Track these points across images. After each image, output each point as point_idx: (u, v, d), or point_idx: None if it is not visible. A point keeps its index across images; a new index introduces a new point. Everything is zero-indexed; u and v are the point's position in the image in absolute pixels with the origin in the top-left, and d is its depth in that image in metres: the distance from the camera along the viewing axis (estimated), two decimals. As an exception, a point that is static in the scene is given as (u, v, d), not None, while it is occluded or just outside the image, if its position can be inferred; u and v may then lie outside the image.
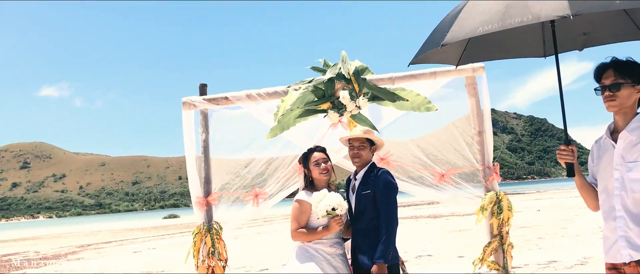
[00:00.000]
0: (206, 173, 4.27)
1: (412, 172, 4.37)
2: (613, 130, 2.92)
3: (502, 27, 2.86)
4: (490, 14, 3.00)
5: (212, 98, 4.27)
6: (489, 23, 2.94)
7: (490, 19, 2.96)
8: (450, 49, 3.84)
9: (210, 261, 4.07)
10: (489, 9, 3.04)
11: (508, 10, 2.89)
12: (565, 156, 2.90)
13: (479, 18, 3.04)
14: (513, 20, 2.83)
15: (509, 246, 4.13)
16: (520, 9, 2.84)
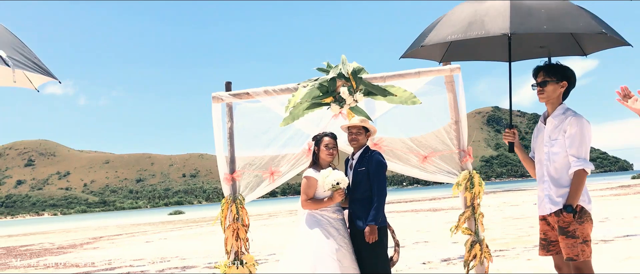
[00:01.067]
0: (231, 154, 5.20)
1: (400, 155, 5.27)
2: (546, 116, 3.87)
3: (464, 37, 3.82)
4: (457, 26, 3.96)
5: (236, 93, 5.19)
6: (456, 33, 3.90)
7: (457, 30, 3.93)
8: (435, 49, 4.83)
9: (235, 226, 5.00)
10: (459, 22, 4.00)
11: (470, 25, 3.85)
12: (508, 137, 3.92)
13: (450, 29, 4.01)
14: (472, 32, 3.78)
15: (480, 215, 5.01)
16: (478, 25, 3.79)
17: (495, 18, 3.62)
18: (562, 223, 3.62)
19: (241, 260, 5.02)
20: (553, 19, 3.55)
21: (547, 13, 3.57)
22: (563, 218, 3.59)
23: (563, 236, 3.63)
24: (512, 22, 3.52)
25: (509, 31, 3.47)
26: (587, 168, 3.54)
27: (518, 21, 3.55)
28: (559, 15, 3.60)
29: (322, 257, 4.44)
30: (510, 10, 3.58)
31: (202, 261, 12.49)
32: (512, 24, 3.52)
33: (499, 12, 3.63)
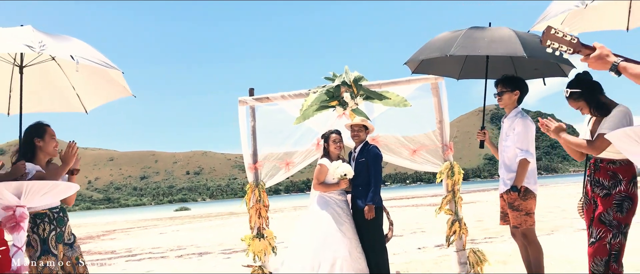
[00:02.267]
0: (254, 147, 6.29)
1: (393, 148, 6.35)
2: (505, 117, 4.97)
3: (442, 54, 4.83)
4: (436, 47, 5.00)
5: (258, 98, 6.29)
6: (435, 52, 4.93)
7: (441, 48, 4.89)
8: (447, 64, 5.74)
9: (257, 206, 6.10)
10: (443, 42, 5.00)
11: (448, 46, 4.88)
12: (480, 136, 5.04)
13: (437, 45, 5.01)
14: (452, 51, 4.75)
15: (459, 198, 6.08)
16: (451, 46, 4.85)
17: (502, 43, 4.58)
18: (509, 200, 4.70)
19: (262, 234, 6.12)
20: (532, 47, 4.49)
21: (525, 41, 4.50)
22: (510, 195, 4.67)
23: (510, 210, 4.72)
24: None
25: (450, 52, 4.52)
26: (528, 158, 4.60)
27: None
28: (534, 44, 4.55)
29: (330, 231, 5.51)
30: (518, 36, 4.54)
31: (217, 249, 13.58)
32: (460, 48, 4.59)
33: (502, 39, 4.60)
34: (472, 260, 5.91)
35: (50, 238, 3.75)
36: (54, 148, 4.08)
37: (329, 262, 5.35)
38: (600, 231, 3.65)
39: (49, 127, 4.11)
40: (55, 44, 3.56)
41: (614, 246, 3.56)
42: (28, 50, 3.32)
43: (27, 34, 3.51)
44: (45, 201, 3.71)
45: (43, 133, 4.04)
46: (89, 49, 3.89)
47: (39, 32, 3.65)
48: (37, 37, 3.48)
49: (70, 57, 3.44)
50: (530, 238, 4.70)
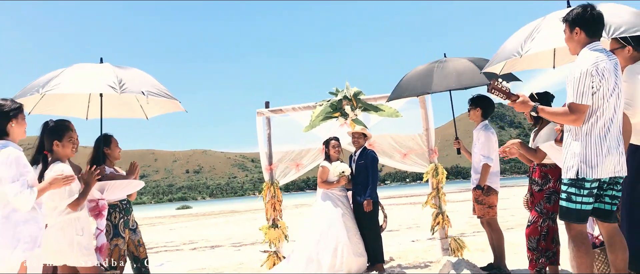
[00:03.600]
0: (269, 151, 7.45)
1: (387, 152, 7.48)
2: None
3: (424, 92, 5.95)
4: (415, 87, 6.12)
5: (273, 109, 7.44)
6: (416, 90, 6.04)
7: (422, 87, 6.02)
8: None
9: (273, 200, 7.24)
10: (420, 81, 6.12)
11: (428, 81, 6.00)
12: (455, 145, 6.14)
13: (415, 85, 6.15)
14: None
15: (442, 194, 7.20)
16: (430, 84, 5.96)
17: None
18: (475, 195, 5.85)
19: (277, 224, 7.27)
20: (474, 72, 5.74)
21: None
22: (476, 192, 5.82)
23: (476, 203, 5.87)
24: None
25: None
26: (489, 163, 5.73)
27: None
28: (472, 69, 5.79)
29: (333, 221, 6.64)
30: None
31: (227, 242, 14.71)
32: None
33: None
34: (454, 247, 7.03)
35: (119, 223, 4.87)
36: (119, 154, 5.20)
37: (331, 246, 6.48)
38: (534, 217, 4.83)
39: (113, 137, 5.21)
40: (130, 80, 4.68)
41: (544, 229, 4.74)
42: (112, 91, 4.46)
43: (108, 74, 4.64)
44: (118, 196, 4.83)
45: (109, 143, 5.16)
46: (152, 80, 5.03)
47: (116, 69, 4.79)
48: (116, 76, 4.62)
49: (142, 93, 4.57)
50: (493, 226, 5.86)
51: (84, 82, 4.65)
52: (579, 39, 3.62)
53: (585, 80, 3.43)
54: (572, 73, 3.51)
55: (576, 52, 3.64)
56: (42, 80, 4.70)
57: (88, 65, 4.96)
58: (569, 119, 3.51)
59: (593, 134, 3.47)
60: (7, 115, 3.56)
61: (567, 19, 3.64)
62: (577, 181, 3.50)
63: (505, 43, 4.74)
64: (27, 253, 3.38)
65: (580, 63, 3.50)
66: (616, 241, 3.58)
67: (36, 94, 4.55)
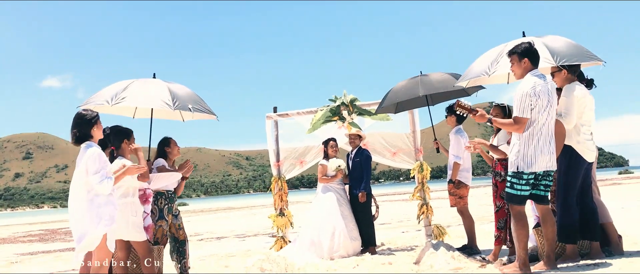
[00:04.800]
0: (277, 150, 8.59)
1: (379, 151, 8.62)
2: None
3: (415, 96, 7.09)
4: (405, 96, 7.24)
5: (279, 114, 8.58)
6: (400, 98, 7.17)
7: (410, 93, 7.16)
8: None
9: (280, 192, 8.39)
10: (409, 91, 7.26)
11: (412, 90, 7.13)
12: (434, 144, 7.27)
13: (402, 93, 7.28)
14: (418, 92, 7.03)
15: (427, 188, 8.35)
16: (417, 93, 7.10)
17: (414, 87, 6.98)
18: (448, 188, 7.01)
19: (283, 213, 8.41)
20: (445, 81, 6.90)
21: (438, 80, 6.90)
22: (449, 186, 6.98)
23: (449, 195, 7.03)
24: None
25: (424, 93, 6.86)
26: (458, 161, 6.88)
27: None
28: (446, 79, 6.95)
29: (331, 209, 7.76)
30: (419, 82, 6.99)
31: (231, 234, 15.82)
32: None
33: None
34: (436, 233, 8.17)
35: (164, 208, 5.98)
36: (178, 152, 6.29)
37: (330, 232, 7.61)
38: (500, 203, 5.98)
39: (172, 138, 6.30)
40: (180, 97, 5.83)
41: (509, 211, 5.89)
42: (167, 107, 5.61)
43: (164, 91, 5.78)
44: (161, 185, 5.94)
45: (169, 143, 6.26)
46: (194, 96, 6.19)
47: (168, 85, 5.95)
48: (170, 92, 5.77)
49: (189, 109, 5.72)
50: (464, 214, 7.02)
51: (145, 98, 5.82)
52: (525, 67, 4.79)
53: (526, 99, 4.62)
54: (517, 93, 4.70)
55: (522, 76, 4.82)
56: (109, 92, 5.82)
57: (146, 82, 6.10)
58: (513, 128, 4.70)
59: (530, 139, 4.65)
60: (90, 122, 4.64)
61: (517, 52, 4.82)
62: (517, 173, 4.69)
63: (474, 64, 5.91)
64: (107, 228, 4.48)
65: (523, 86, 4.69)
66: (548, 218, 4.77)
67: (105, 104, 5.67)
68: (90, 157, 4.46)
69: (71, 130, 4.62)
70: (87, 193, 4.48)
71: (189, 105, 5.83)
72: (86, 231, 4.42)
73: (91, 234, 4.40)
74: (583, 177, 5.16)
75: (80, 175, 4.47)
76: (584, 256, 5.23)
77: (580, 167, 5.10)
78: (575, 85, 5.19)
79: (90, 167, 4.43)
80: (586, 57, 5.13)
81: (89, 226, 4.42)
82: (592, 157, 5.18)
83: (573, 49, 5.22)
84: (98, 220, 4.44)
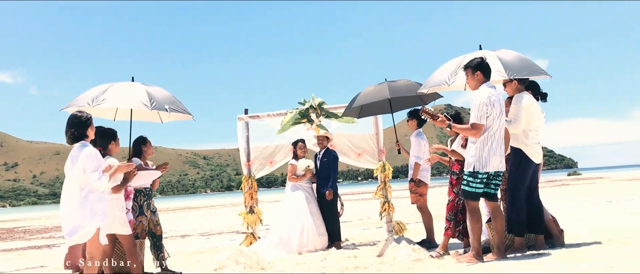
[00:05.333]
0: (247, 150, 8.97)
1: (345, 152, 9.12)
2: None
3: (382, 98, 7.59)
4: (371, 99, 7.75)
5: (250, 115, 8.97)
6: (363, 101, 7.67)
7: (376, 95, 7.66)
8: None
9: (250, 191, 8.78)
10: (377, 95, 7.75)
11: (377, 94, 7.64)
12: (396, 146, 7.79)
13: (371, 96, 7.77)
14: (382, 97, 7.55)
15: (389, 187, 8.88)
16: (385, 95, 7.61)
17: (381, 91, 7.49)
18: (410, 187, 7.55)
19: (253, 210, 8.81)
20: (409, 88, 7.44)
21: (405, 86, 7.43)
22: (410, 184, 7.52)
23: (410, 193, 7.58)
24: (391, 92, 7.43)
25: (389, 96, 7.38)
26: (419, 161, 7.44)
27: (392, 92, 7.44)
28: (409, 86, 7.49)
29: (300, 208, 8.20)
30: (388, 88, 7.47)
31: (194, 232, 16.04)
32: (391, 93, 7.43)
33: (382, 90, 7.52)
34: (397, 229, 8.72)
35: (143, 205, 6.31)
36: (152, 151, 6.62)
37: (299, 229, 8.05)
38: (452, 197, 6.58)
39: (148, 138, 6.61)
40: (157, 98, 6.16)
41: (459, 205, 6.47)
42: (144, 107, 5.93)
43: (142, 93, 6.10)
44: (142, 183, 6.26)
45: (145, 142, 6.57)
46: (171, 97, 6.52)
47: (146, 87, 6.26)
48: (148, 94, 6.09)
49: (165, 109, 6.06)
50: (423, 210, 7.59)
51: (125, 99, 6.11)
52: (479, 79, 5.36)
53: (482, 108, 5.18)
54: (474, 102, 5.26)
55: (476, 87, 5.39)
56: (89, 95, 6.12)
57: (125, 84, 6.41)
58: (471, 133, 5.26)
59: (485, 143, 5.22)
60: (86, 123, 4.94)
61: (470, 66, 5.41)
62: (473, 173, 5.25)
63: (435, 73, 6.48)
64: (100, 222, 4.79)
65: (479, 96, 5.25)
66: (497, 213, 5.36)
67: (87, 106, 5.96)
68: (88, 156, 4.76)
69: (68, 130, 4.89)
70: (81, 190, 4.78)
71: (166, 106, 6.18)
72: (79, 225, 4.73)
73: (85, 228, 4.72)
74: (531, 177, 5.78)
75: (76, 173, 4.77)
76: (530, 247, 5.84)
77: (529, 168, 5.72)
78: (524, 94, 5.79)
79: (88, 166, 4.73)
80: (535, 71, 5.77)
81: (82, 220, 4.73)
82: (539, 159, 5.80)
83: (523, 63, 5.84)
84: (92, 215, 4.75)
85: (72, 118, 4.93)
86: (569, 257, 5.02)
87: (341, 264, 6.72)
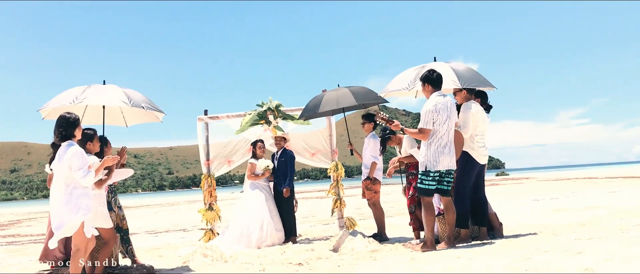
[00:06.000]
0: (207, 150, 9.31)
1: (300, 152, 9.63)
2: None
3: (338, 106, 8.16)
4: (328, 105, 8.30)
5: (211, 116, 9.31)
6: (329, 106, 8.23)
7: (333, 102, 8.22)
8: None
9: (209, 189, 9.14)
10: (336, 99, 8.31)
11: (338, 100, 8.21)
12: (348, 147, 8.38)
13: (331, 102, 8.32)
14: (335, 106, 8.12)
15: (341, 185, 9.47)
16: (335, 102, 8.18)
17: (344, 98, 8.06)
18: (365, 184, 8.16)
19: (212, 207, 9.18)
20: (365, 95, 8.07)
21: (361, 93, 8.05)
22: (366, 182, 8.14)
23: (366, 189, 8.18)
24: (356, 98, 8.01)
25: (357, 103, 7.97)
26: (376, 161, 8.07)
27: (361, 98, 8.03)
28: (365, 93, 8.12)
29: (259, 204, 8.64)
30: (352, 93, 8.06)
31: (140, 230, 16.08)
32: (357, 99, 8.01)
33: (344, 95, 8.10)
34: (348, 224, 9.32)
35: (111, 201, 6.55)
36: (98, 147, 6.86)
37: (258, 224, 8.50)
38: (412, 192, 7.22)
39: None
40: (134, 97, 6.46)
41: (417, 200, 7.12)
42: (124, 105, 6.23)
43: (119, 93, 6.40)
44: (117, 179, 6.53)
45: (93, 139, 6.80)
46: (143, 97, 6.82)
47: (123, 89, 6.55)
48: (125, 94, 6.39)
49: (142, 107, 6.38)
50: (377, 205, 8.22)
51: (105, 97, 6.39)
52: (428, 89, 6.07)
53: (429, 115, 5.90)
54: (423, 110, 5.95)
55: (427, 96, 6.06)
56: (70, 95, 6.35)
57: (101, 86, 6.67)
58: (420, 136, 5.95)
59: (433, 145, 5.92)
60: (74, 123, 5.20)
61: (422, 78, 6.07)
62: (425, 172, 5.94)
63: (395, 78, 7.14)
64: (85, 216, 5.08)
65: (427, 104, 5.98)
66: (449, 207, 6.06)
67: (69, 105, 6.19)
68: (74, 155, 5.05)
69: (56, 130, 5.16)
70: (66, 187, 5.07)
71: (143, 104, 6.51)
72: (65, 220, 5.02)
73: (70, 222, 5.01)
74: (476, 176, 6.51)
75: (62, 171, 5.06)
76: (475, 238, 6.57)
77: (474, 168, 6.44)
78: (472, 103, 6.52)
79: (74, 164, 5.02)
80: (483, 83, 6.54)
81: (67, 215, 5.02)
82: (484, 160, 6.54)
83: (473, 74, 6.60)
84: (77, 210, 5.05)
85: (60, 119, 5.21)
86: (509, 245, 5.74)
87: (301, 256, 7.20)
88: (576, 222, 8.17)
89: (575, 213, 10.30)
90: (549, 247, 5.05)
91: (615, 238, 5.29)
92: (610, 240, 5.08)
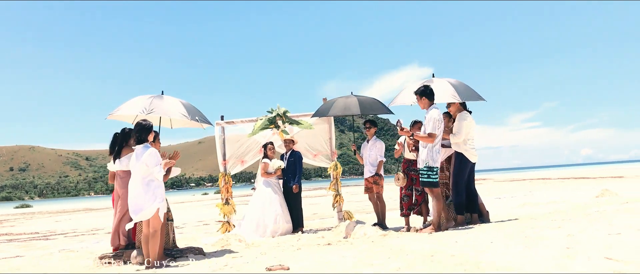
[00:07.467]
0: (223, 150, 10.43)
1: (304, 153, 10.83)
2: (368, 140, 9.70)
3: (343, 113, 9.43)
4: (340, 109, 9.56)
5: (227, 121, 10.43)
6: (338, 111, 9.48)
7: (342, 109, 9.49)
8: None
9: (226, 185, 10.25)
10: (342, 107, 9.56)
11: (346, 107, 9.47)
12: (352, 147, 9.68)
13: (340, 108, 9.60)
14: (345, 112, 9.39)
15: (339, 183, 10.72)
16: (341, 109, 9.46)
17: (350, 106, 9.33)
18: (374, 179, 9.37)
19: (228, 202, 10.29)
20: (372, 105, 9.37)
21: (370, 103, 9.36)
22: (374, 177, 9.37)
23: (374, 184, 9.38)
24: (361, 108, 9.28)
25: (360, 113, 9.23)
26: (384, 159, 9.36)
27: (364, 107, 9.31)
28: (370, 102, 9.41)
29: (272, 199, 9.81)
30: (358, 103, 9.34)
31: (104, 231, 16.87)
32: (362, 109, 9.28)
33: (352, 103, 9.36)
34: (346, 216, 10.58)
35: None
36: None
37: (272, 216, 9.67)
38: (421, 189, 8.52)
39: None
40: (190, 111, 7.54)
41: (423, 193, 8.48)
42: (183, 118, 7.32)
43: (178, 105, 7.47)
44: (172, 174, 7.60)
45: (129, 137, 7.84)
46: (191, 106, 7.87)
47: (179, 100, 7.60)
48: (183, 106, 7.47)
49: (196, 120, 7.47)
50: (380, 198, 9.50)
51: (169, 109, 7.36)
52: (425, 102, 7.38)
53: (437, 123, 7.19)
54: (430, 118, 7.23)
55: (425, 107, 7.38)
56: (139, 105, 7.27)
57: (165, 97, 7.61)
58: (428, 140, 7.25)
59: (436, 146, 7.22)
60: (149, 129, 6.30)
61: (418, 92, 7.38)
62: (430, 168, 7.27)
63: (402, 92, 8.44)
64: (160, 204, 6.18)
65: (434, 114, 7.26)
66: (438, 197, 7.41)
67: (141, 113, 7.15)
68: (151, 155, 6.15)
69: (134, 134, 6.27)
70: (143, 179, 6.16)
71: (197, 117, 7.58)
72: (143, 206, 6.11)
73: (148, 208, 6.11)
74: (469, 172, 7.87)
75: (141, 166, 6.15)
76: (468, 223, 7.92)
77: (467, 166, 7.80)
78: (465, 113, 7.87)
79: (151, 162, 6.12)
80: (476, 97, 7.89)
81: (145, 202, 6.12)
82: (475, 159, 7.90)
83: (467, 89, 7.95)
84: (154, 198, 6.15)
85: (138, 125, 6.31)
86: (501, 226, 7.08)
87: (315, 243, 8.33)
88: (543, 212, 9.63)
89: (540, 206, 11.84)
90: (533, 225, 6.41)
91: (582, 218, 6.71)
92: (578, 221, 6.49)
